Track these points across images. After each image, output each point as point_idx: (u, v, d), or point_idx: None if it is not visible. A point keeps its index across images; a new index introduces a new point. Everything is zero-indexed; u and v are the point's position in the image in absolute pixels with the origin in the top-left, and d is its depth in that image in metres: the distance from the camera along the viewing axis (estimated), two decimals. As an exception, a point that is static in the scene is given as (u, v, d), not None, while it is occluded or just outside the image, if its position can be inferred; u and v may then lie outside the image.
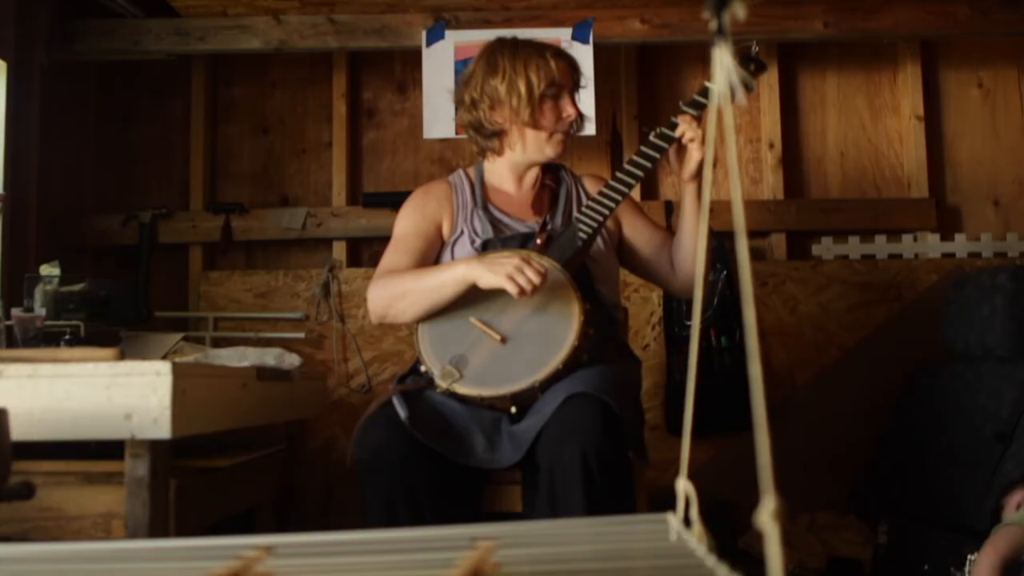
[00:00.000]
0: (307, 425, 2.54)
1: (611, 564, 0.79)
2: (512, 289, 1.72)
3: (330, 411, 2.71)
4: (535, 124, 1.96)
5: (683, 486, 1.09)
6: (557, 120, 1.97)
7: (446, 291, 1.83)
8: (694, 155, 1.83)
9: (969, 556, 1.98)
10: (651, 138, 1.88)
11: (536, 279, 1.72)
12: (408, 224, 2.01)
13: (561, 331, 1.80)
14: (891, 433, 2.53)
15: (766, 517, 0.70)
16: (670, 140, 1.86)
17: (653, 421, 2.61)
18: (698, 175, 1.86)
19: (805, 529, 2.39)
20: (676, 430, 2.63)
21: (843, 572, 2.26)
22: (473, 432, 1.78)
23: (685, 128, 1.84)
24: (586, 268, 1.92)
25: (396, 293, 1.87)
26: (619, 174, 1.89)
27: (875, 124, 2.98)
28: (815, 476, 2.60)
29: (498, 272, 1.74)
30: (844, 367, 2.76)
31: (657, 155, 1.87)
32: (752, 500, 0.71)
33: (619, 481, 1.67)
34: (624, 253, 2.07)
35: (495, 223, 2.00)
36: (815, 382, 2.74)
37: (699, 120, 1.85)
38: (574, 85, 2.01)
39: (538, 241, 1.92)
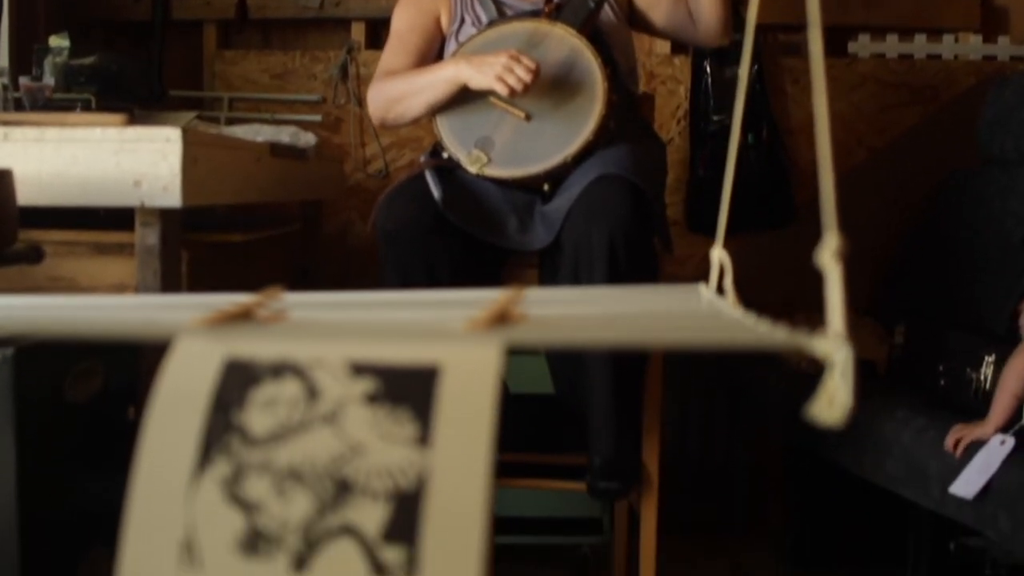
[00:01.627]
0: (323, 208, 2.50)
1: (642, 321, 0.76)
2: (502, 89, 1.67)
3: (346, 196, 2.66)
4: None
5: (718, 254, 1.05)
6: None
7: (438, 92, 1.77)
8: None
9: (986, 358, 1.97)
10: None
11: (527, 77, 1.66)
12: (404, 20, 1.93)
13: (586, 100, 1.74)
14: (916, 235, 2.48)
15: (827, 256, 0.66)
16: None
17: (674, 217, 2.56)
18: None
19: (818, 329, 2.37)
20: (697, 227, 2.58)
21: (856, 372, 2.25)
22: (506, 213, 1.75)
23: None
24: (600, 35, 1.84)
25: (391, 96, 1.83)
26: None
27: (925, -88, 2.79)
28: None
29: (486, 73, 1.68)
30: (872, 169, 2.68)
31: None
32: (772, 298, 0.67)
33: (644, 267, 1.64)
34: (638, 17, 1.98)
35: (497, 4, 1.90)
36: (842, 183, 2.65)
37: None
38: None
39: (545, 10, 1.84)
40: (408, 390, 0.63)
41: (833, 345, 0.60)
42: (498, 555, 2.27)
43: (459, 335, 0.66)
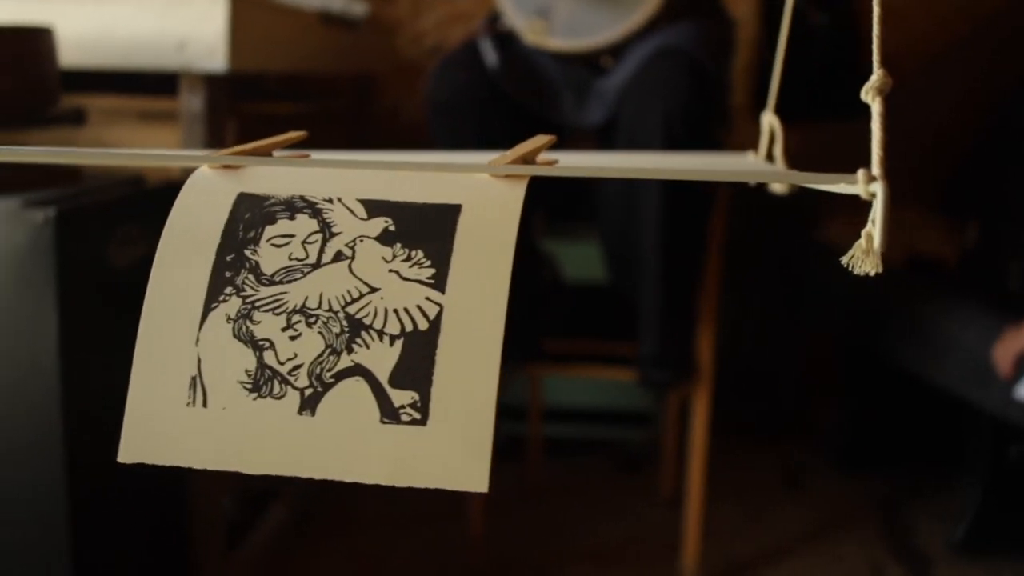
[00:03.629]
0: (374, 86, 2.44)
1: (679, 166, 0.71)
2: None
3: (398, 73, 2.59)
4: None
5: (768, 120, 0.98)
6: None
7: None
8: None
9: (1061, 256, 1.88)
10: None
11: None
12: None
13: None
14: (997, 129, 2.35)
15: (868, 90, 0.61)
16: None
17: (742, 101, 2.46)
18: None
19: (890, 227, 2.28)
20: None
21: (925, 270, 2.17)
22: (561, 87, 1.69)
23: None
24: None
25: None
26: None
27: None
28: (907, 171, 2.46)
29: None
30: (956, 57, 2.54)
31: None
32: (834, 195, 0.62)
33: (703, 148, 1.57)
34: None
35: None
36: (921, 72, 2.53)
37: None
38: None
39: None
40: (425, 229, 0.59)
41: (869, 184, 0.55)
42: (545, 446, 2.26)
43: (481, 174, 0.61)
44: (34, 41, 1.32)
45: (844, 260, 0.60)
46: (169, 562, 1.54)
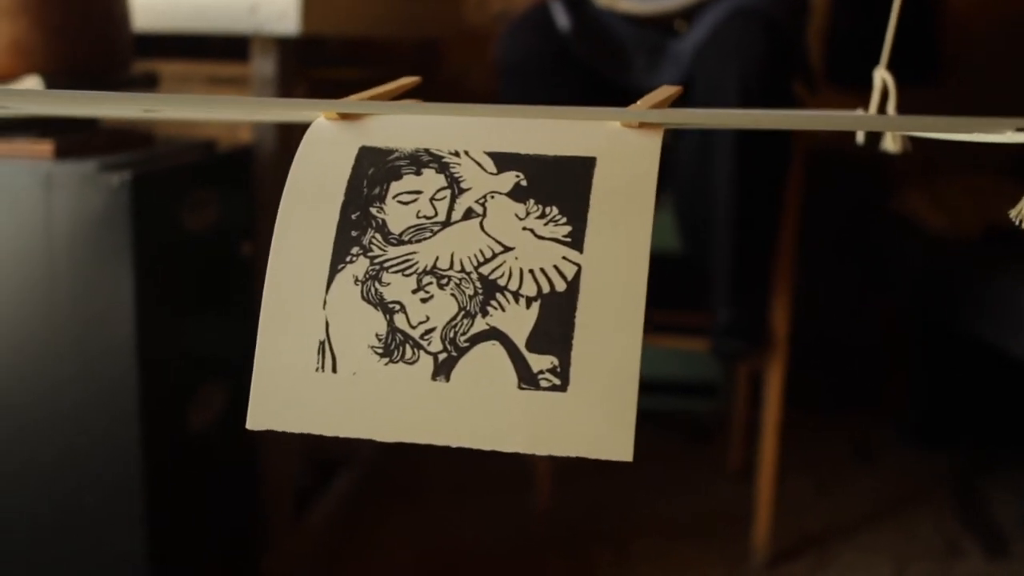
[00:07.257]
0: (437, 52, 2.40)
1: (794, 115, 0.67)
2: None
3: (462, 40, 2.54)
4: None
5: (881, 75, 0.95)
6: None
7: None
8: None
9: None
10: None
11: None
12: None
13: None
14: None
15: None
16: None
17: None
18: None
19: (959, 191, 2.22)
20: (839, 78, 2.41)
21: (1003, 240, 2.10)
22: (633, 50, 1.64)
23: None
24: None
25: None
26: None
27: None
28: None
29: None
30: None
31: None
32: (908, 163, 0.58)
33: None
34: None
35: None
36: (994, 33, 2.45)
37: None
38: None
39: None
40: (559, 183, 0.56)
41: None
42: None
43: (612, 123, 0.57)
44: (106, 2, 1.30)
45: (1012, 215, 0.56)
46: (240, 527, 1.54)
